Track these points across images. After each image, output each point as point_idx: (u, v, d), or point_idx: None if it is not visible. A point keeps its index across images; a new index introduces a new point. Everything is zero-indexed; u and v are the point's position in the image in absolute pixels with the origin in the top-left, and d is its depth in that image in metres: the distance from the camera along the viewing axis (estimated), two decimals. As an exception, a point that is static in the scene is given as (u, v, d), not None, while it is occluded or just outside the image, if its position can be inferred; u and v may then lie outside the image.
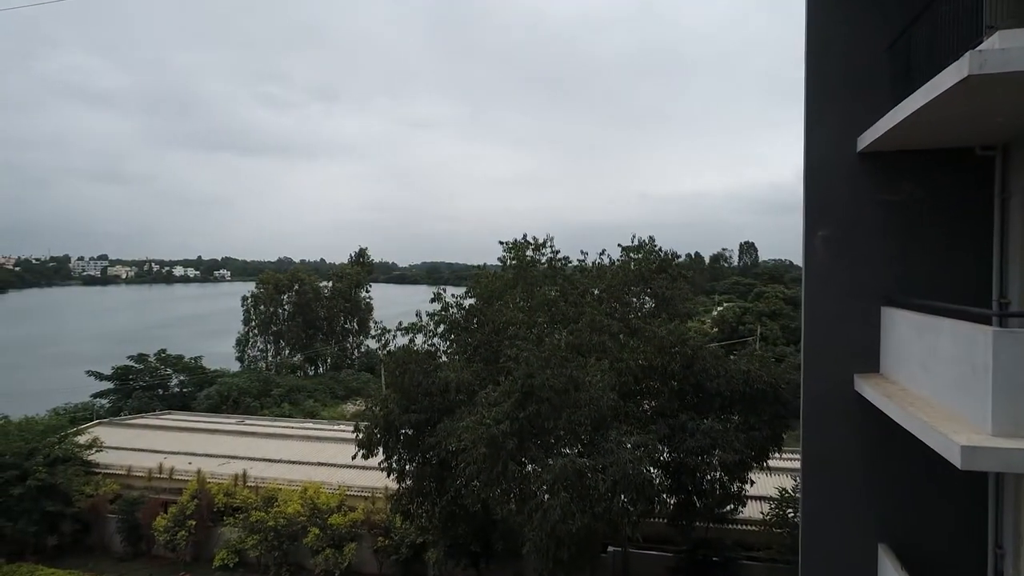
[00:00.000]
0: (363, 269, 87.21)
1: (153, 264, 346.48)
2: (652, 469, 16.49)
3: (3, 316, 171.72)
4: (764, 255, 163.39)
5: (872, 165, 9.32)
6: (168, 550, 25.27)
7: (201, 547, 25.33)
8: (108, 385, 57.18)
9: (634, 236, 21.61)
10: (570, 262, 21.71)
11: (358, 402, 58.09)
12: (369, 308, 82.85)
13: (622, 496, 14.75)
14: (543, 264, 21.20)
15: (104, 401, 55.43)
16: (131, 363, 58.49)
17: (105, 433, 31.97)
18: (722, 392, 17.67)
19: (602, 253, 21.77)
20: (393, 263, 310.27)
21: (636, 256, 21.40)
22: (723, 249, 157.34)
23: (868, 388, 8.52)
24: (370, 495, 24.93)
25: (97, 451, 28.65)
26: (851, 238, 9.45)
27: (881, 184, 9.40)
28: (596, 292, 20.66)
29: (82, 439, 29.09)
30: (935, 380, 7.43)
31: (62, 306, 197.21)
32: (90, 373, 56.85)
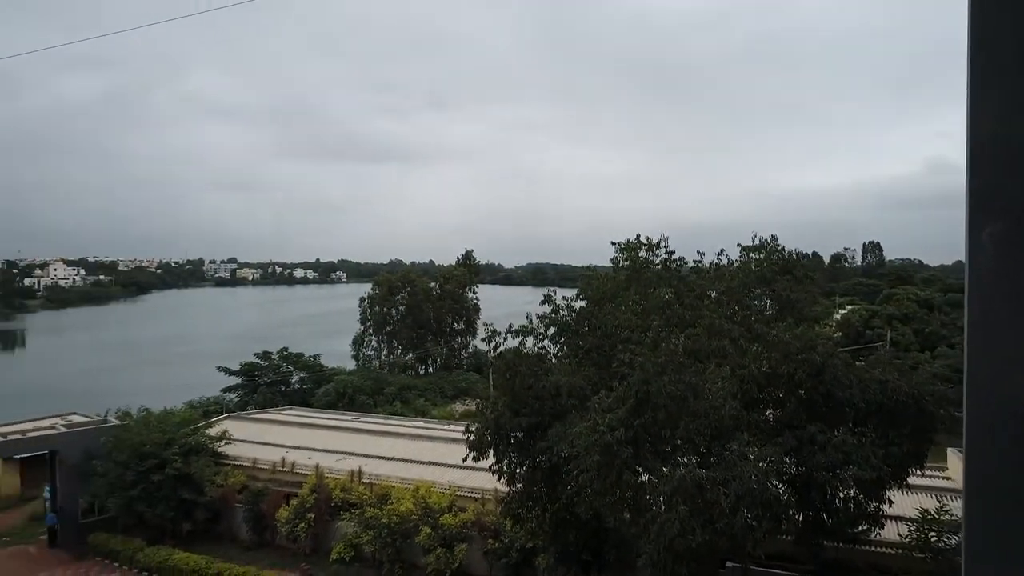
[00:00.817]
0: (469, 270, 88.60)
1: (276, 267, 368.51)
2: (778, 484, 15.47)
3: (146, 315, 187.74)
4: (889, 254, 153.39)
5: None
6: (289, 541, 26.35)
7: (319, 539, 26.23)
8: (236, 381, 60.89)
9: (755, 235, 20.47)
10: (685, 263, 20.81)
11: (467, 402, 58.85)
12: (476, 309, 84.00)
13: (745, 512, 13.89)
14: (657, 265, 20.42)
15: (232, 396, 59.07)
16: (257, 360, 62.04)
17: (233, 426, 33.89)
18: (855, 403, 16.38)
19: (720, 253, 20.76)
20: (499, 264, 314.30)
21: (757, 256, 20.23)
22: (845, 248, 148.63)
23: (1052, 407, 7.38)
24: (480, 497, 24.96)
25: (226, 443, 30.36)
26: (1025, 234, 8.27)
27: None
28: (714, 295, 19.69)
29: (212, 431, 30.94)
30: None
31: (197, 306, 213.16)
32: (220, 369, 60.80)
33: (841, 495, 16.42)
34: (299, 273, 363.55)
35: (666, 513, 13.84)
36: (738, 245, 20.54)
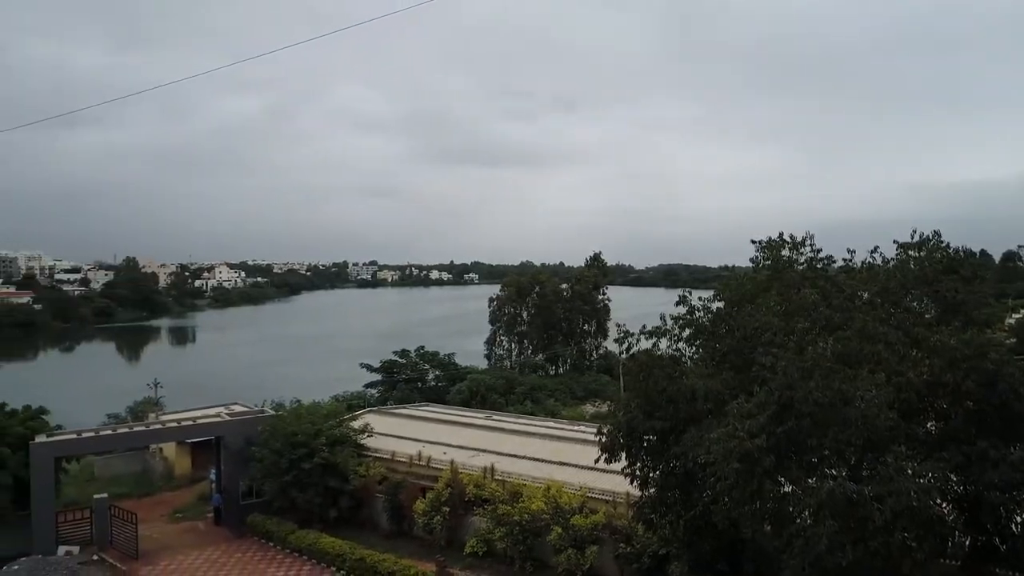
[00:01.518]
0: (599, 272, 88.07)
1: (413, 268, 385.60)
2: (941, 502, 14.14)
3: (297, 314, 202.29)
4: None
5: None
6: (425, 532, 27.26)
7: (453, 532, 26.92)
8: (377, 377, 64.15)
9: (914, 231, 18.79)
10: (833, 262, 19.47)
11: (597, 403, 58.54)
12: (606, 310, 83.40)
13: (903, 531, 12.80)
14: (801, 264, 19.25)
15: (374, 391, 62.31)
16: (395, 358, 64.99)
17: (374, 420, 35.59)
18: (1034, 417, 14.63)
19: (874, 251, 19.24)
20: (629, 265, 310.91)
21: (916, 254, 18.58)
22: (1019, 247, 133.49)
23: None
24: (611, 499, 24.64)
25: (368, 436, 31.94)
26: None
27: None
28: (866, 296, 18.30)
29: (356, 424, 32.64)
30: None
31: (341, 306, 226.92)
32: (363, 366, 64.31)
33: (1018, 519, 14.77)
34: (434, 275, 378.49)
35: (813, 527, 13.05)
36: (895, 242, 18.93)
